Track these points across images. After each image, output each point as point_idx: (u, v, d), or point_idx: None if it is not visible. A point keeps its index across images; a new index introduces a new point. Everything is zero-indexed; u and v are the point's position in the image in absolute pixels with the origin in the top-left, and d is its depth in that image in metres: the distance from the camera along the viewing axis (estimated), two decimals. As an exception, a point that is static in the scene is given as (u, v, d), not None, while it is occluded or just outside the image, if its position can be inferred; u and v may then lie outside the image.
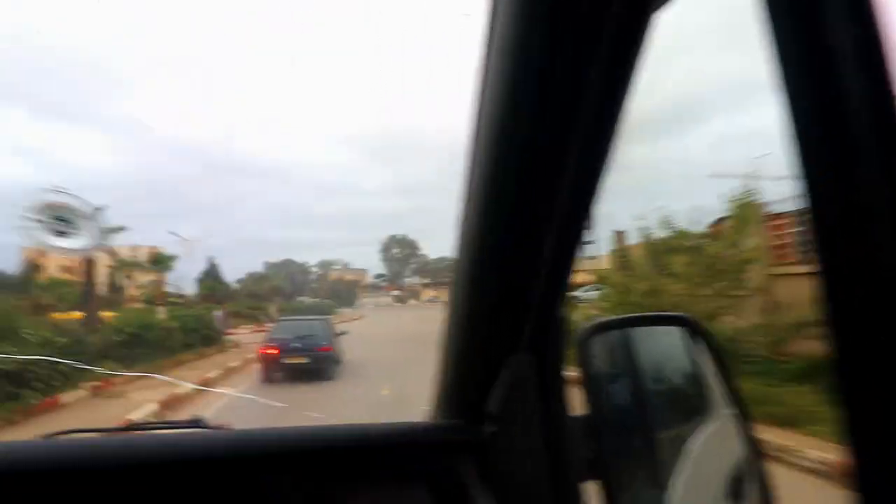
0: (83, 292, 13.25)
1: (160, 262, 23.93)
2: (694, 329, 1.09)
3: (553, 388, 0.85)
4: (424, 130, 79.16)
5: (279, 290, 38.45)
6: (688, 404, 1.23)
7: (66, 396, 8.75)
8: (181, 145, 62.42)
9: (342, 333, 12.35)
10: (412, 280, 67.44)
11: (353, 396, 8.97)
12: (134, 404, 8.12)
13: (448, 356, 0.94)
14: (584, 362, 0.90)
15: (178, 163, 72.30)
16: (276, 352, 10.37)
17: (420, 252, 68.19)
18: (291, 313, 21.86)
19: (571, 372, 0.88)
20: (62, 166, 64.06)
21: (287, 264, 42.71)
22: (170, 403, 8.26)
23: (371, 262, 76.24)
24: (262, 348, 10.76)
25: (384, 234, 68.89)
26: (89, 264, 12.70)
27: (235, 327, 22.43)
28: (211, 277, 36.66)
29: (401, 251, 69.22)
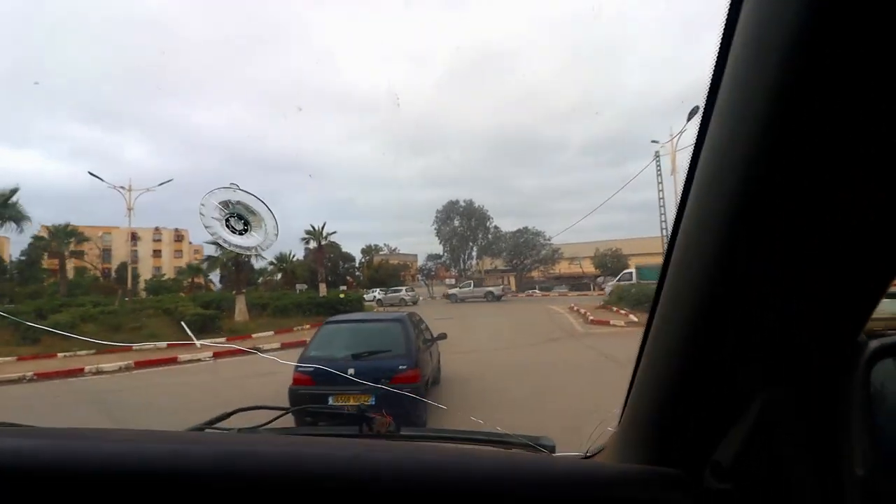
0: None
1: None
2: None
3: (822, 436, 0.62)
4: (445, 124, 71.46)
5: (307, 277, 30.99)
6: None
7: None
8: (222, 145, 60.51)
9: (438, 338, 6.97)
10: (474, 265, 49.47)
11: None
12: None
13: (651, 373, 0.74)
14: (869, 397, 0.63)
15: (221, 161, 65.84)
16: (310, 383, 5.21)
17: (491, 224, 48.57)
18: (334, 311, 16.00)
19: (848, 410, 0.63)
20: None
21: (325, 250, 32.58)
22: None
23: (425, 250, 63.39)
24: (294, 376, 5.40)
25: (436, 207, 49.78)
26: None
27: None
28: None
29: (464, 223, 48.70)
